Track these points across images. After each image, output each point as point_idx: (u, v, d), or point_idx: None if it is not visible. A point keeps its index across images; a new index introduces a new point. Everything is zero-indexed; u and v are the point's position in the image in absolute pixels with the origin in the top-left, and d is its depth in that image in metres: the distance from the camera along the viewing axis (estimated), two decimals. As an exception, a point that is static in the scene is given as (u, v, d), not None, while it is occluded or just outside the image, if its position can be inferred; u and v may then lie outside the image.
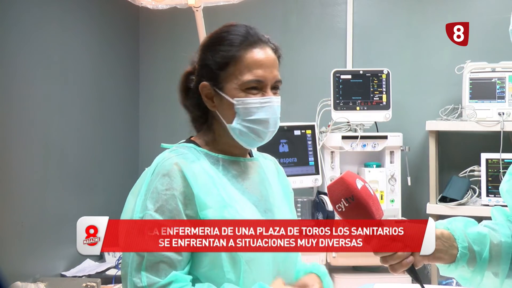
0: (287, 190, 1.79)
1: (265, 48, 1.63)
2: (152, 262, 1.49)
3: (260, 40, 1.63)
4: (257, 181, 1.69)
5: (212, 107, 1.64)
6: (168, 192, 1.53)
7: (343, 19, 4.14)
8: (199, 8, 3.19)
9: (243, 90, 1.60)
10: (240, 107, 1.60)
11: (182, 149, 1.63)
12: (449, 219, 1.65)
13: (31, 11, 3.23)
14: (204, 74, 1.63)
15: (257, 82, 1.60)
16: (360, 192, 1.48)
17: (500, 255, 1.61)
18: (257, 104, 1.60)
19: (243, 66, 1.60)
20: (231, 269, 1.53)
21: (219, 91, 1.61)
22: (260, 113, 1.61)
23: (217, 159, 1.64)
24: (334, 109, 3.75)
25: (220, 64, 1.61)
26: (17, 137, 3.13)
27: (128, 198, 1.61)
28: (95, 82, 3.84)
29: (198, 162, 1.58)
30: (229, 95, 1.60)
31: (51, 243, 3.35)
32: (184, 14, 3.57)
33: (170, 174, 1.54)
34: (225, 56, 1.61)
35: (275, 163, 1.82)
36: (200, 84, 1.63)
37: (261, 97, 1.61)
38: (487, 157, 3.62)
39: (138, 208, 1.54)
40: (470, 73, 3.68)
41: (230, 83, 1.60)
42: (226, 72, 1.61)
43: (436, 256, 1.56)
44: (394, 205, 3.67)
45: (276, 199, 1.69)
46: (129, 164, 4.27)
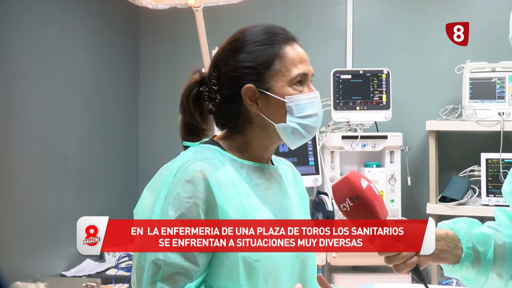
0: (303, 196, 1.78)
1: (297, 44, 1.63)
2: (169, 272, 1.46)
3: (293, 36, 1.64)
4: (278, 190, 1.66)
5: (257, 110, 1.59)
6: (191, 201, 1.48)
7: (343, 19, 4.14)
8: (199, 8, 3.19)
9: (291, 87, 1.58)
10: (292, 105, 1.57)
11: (206, 152, 1.58)
12: (453, 219, 1.65)
13: (31, 11, 3.23)
14: (244, 77, 1.58)
15: (303, 76, 1.59)
16: (365, 192, 1.48)
17: (505, 256, 1.61)
18: (308, 100, 1.59)
19: (289, 61, 1.58)
20: (247, 282, 1.50)
21: (267, 91, 1.58)
22: (310, 109, 1.59)
23: (242, 165, 1.60)
24: (334, 109, 3.75)
25: (264, 63, 1.58)
26: (17, 137, 3.13)
27: (145, 193, 1.56)
28: (95, 82, 3.84)
29: (222, 168, 1.54)
30: (279, 94, 1.57)
31: (51, 243, 3.35)
32: (184, 14, 3.57)
33: (194, 181, 1.49)
34: (268, 54, 1.58)
35: (292, 168, 1.80)
36: (243, 88, 1.57)
37: (308, 92, 1.60)
38: (487, 157, 3.62)
39: (157, 212, 1.50)
40: (470, 73, 3.68)
41: (277, 81, 1.57)
42: (271, 71, 1.58)
43: (441, 257, 1.56)
44: (394, 205, 3.67)
45: (294, 208, 1.68)
46: (129, 164, 4.27)
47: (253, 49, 1.59)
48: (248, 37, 1.61)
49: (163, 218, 1.48)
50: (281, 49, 1.59)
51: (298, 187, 1.78)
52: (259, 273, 1.51)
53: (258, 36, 1.61)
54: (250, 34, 1.62)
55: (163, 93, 4.25)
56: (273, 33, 1.61)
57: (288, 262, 1.57)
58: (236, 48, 1.61)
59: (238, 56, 1.60)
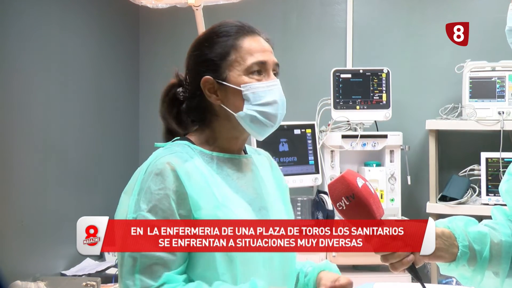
0: (281, 184, 1.78)
1: (258, 37, 1.66)
2: (146, 264, 1.47)
3: (253, 29, 1.66)
4: (251, 178, 1.68)
5: (216, 101, 1.62)
6: (161, 192, 1.51)
7: (343, 18, 4.14)
8: (199, 7, 3.19)
9: (247, 75, 1.60)
10: (248, 93, 1.60)
11: (175, 147, 1.61)
12: (450, 218, 1.65)
13: (31, 10, 3.23)
14: (204, 70, 1.62)
15: (260, 65, 1.61)
16: (361, 191, 1.48)
17: (501, 254, 1.61)
18: (265, 87, 1.61)
19: (244, 51, 1.61)
20: (226, 270, 1.51)
21: (223, 81, 1.61)
22: (268, 96, 1.61)
23: (212, 157, 1.63)
24: (334, 108, 3.75)
25: (220, 55, 1.61)
26: (17, 136, 3.13)
27: (122, 197, 1.59)
28: (95, 82, 3.84)
29: (191, 161, 1.57)
30: (235, 83, 1.60)
31: (51, 242, 3.35)
32: (184, 13, 3.57)
33: (162, 173, 1.52)
34: (225, 46, 1.61)
35: (269, 158, 1.81)
36: (202, 79, 1.61)
37: (266, 80, 1.62)
38: (487, 156, 3.62)
39: (131, 208, 1.52)
40: (470, 72, 3.68)
41: (233, 71, 1.60)
42: (227, 61, 1.61)
43: (437, 255, 1.56)
44: (394, 204, 3.67)
45: (270, 196, 1.69)
46: (129, 163, 4.26)
47: (209, 43, 1.64)
48: (206, 33, 1.67)
49: (136, 212, 1.51)
50: (237, 40, 1.62)
51: (275, 175, 1.78)
52: (237, 260, 1.52)
53: (214, 31, 1.65)
54: (208, 30, 1.67)
55: (163, 92, 4.24)
56: (228, 26, 1.65)
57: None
58: (197, 45, 1.67)
59: (197, 52, 1.65)
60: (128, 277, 1.48)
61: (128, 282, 1.48)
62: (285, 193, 1.78)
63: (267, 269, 1.59)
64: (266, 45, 1.65)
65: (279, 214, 1.67)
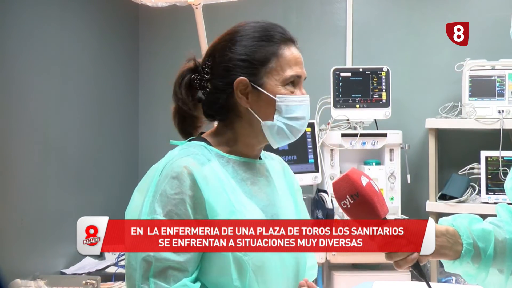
0: (293, 189, 1.78)
1: (296, 47, 1.66)
2: (160, 268, 1.46)
3: (293, 39, 1.66)
4: (265, 184, 1.67)
5: (246, 104, 1.60)
6: (177, 197, 1.49)
7: (343, 17, 4.13)
8: (199, 6, 3.19)
9: (283, 86, 1.60)
10: (282, 104, 1.59)
11: (192, 148, 1.59)
12: (454, 215, 1.65)
13: (30, 9, 3.23)
14: (239, 70, 1.59)
15: (296, 78, 1.63)
16: (365, 189, 1.49)
17: (505, 252, 1.62)
18: (298, 102, 1.62)
19: (285, 62, 1.61)
20: (238, 276, 1.50)
21: (259, 87, 1.59)
22: (299, 111, 1.62)
23: (228, 160, 1.61)
24: (333, 106, 3.75)
25: (261, 60, 1.59)
26: (17, 135, 3.13)
27: (134, 194, 1.58)
28: (94, 81, 3.84)
29: (208, 164, 1.55)
30: (271, 91, 1.59)
31: (51, 241, 3.35)
32: (184, 12, 3.57)
33: (179, 177, 1.50)
34: (267, 52, 1.60)
35: (281, 162, 1.81)
36: (237, 80, 1.58)
37: (299, 94, 1.63)
38: (487, 155, 3.62)
39: (146, 210, 1.51)
40: (470, 70, 3.68)
41: (271, 79, 1.59)
42: (267, 68, 1.59)
43: (441, 253, 1.57)
44: (393, 203, 3.67)
45: (282, 202, 1.68)
46: (129, 162, 4.27)
47: (252, 43, 1.61)
48: (248, 31, 1.63)
49: (151, 215, 1.49)
50: (279, 48, 1.61)
51: (288, 180, 1.78)
52: (248, 267, 1.51)
53: (257, 32, 1.62)
54: (250, 29, 1.63)
55: (163, 91, 4.22)
56: (273, 31, 1.63)
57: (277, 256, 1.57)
58: (235, 40, 1.62)
59: (235, 48, 1.61)
60: (143, 281, 1.47)
61: (143, 286, 1.47)
62: (298, 196, 1.78)
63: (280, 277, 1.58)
64: (300, 57, 1.66)
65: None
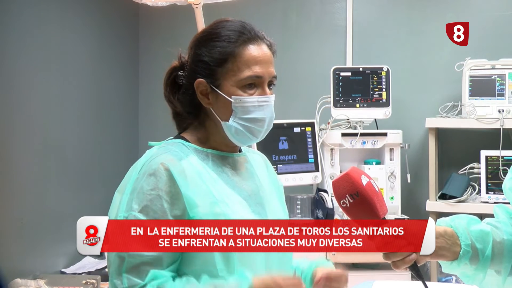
0: (276, 183, 1.78)
1: (261, 45, 1.62)
2: (133, 263, 1.47)
3: (256, 36, 1.62)
4: (247, 175, 1.67)
5: (207, 104, 1.61)
6: (153, 192, 1.50)
7: (343, 16, 4.13)
8: (199, 5, 3.19)
9: (240, 87, 1.58)
10: (237, 106, 1.58)
11: (170, 145, 1.61)
12: (452, 216, 1.65)
13: (30, 9, 3.23)
14: (200, 71, 1.61)
15: (255, 79, 1.59)
16: (365, 189, 1.49)
17: (503, 253, 1.62)
18: (255, 103, 1.59)
19: (242, 62, 1.58)
20: (224, 267, 1.51)
21: (216, 88, 1.59)
22: (257, 112, 1.60)
23: (207, 154, 1.62)
24: (333, 106, 3.75)
25: (217, 61, 1.59)
26: (17, 135, 3.13)
27: (115, 195, 1.59)
28: (94, 80, 3.84)
29: (186, 159, 1.56)
30: (226, 92, 1.58)
31: (51, 240, 3.35)
32: (184, 12, 3.57)
33: (156, 173, 1.52)
34: (223, 52, 1.59)
35: (263, 158, 1.81)
36: (196, 81, 1.60)
37: (259, 95, 1.60)
38: (487, 154, 3.62)
39: (123, 207, 1.52)
40: (470, 70, 3.68)
41: (227, 80, 1.58)
42: (223, 69, 1.59)
43: (439, 254, 1.56)
44: (393, 202, 3.67)
45: (266, 192, 1.68)
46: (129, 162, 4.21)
47: (213, 44, 1.61)
48: (217, 31, 1.63)
49: (127, 212, 1.50)
50: (237, 48, 1.59)
51: (271, 174, 1.78)
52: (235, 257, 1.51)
53: (225, 32, 1.62)
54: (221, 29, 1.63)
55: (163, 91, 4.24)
56: (240, 31, 1.61)
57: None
58: (202, 40, 1.64)
59: (199, 49, 1.62)
60: (116, 277, 1.48)
61: (116, 281, 1.48)
62: (280, 192, 1.78)
63: (265, 266, 1.58)
64: (267, 55, 1.62)
65: (275, 211, 1.67)
